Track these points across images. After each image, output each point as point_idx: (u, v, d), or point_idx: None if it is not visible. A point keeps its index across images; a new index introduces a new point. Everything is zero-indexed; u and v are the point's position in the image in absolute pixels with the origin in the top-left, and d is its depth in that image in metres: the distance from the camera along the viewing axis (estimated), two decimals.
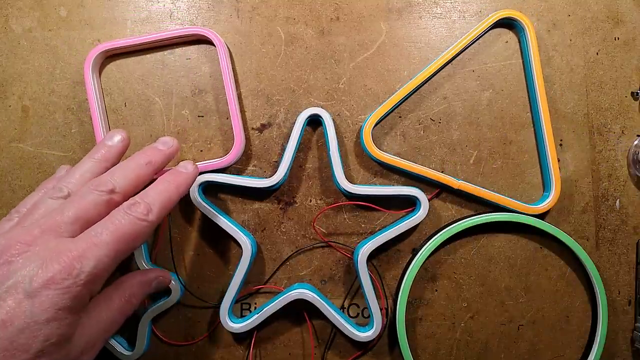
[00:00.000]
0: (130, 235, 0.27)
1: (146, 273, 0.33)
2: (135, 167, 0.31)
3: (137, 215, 0.28)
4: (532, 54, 0.38)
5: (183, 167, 0.33)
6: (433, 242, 0.38)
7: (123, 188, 0.29)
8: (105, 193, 0.28)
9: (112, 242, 0.26)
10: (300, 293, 0.37)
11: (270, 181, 0.37)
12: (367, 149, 0.37)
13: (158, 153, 0.33)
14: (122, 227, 0.27)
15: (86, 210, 0.28)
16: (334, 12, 0.40)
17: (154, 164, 0.32)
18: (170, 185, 0.31)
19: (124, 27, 0.40)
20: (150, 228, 0.29)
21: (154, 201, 0.29)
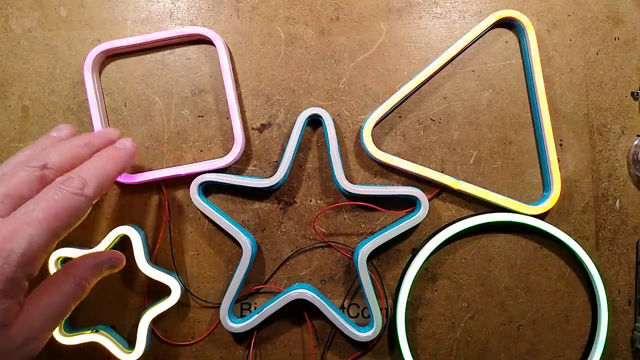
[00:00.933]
0: (65, 210, 0.26)
1: (97, 256, 0.31)
2: (71, 145, 0.30)
3: (72, 189, 0.26)
4: (532, 54, 0.38)
5: (121, 144, 0.32)
6: (433, 242, 0.38)
7: (56, 164, 0.28)
8: (37, 169, 0.27)
9: (45, 219, 0.25)
10: (300, 293, 0.37)
11: (270, 181, 0.37)
12: (368, 149, 0.37)
13: (97, 137, 0.32)
14: (55, 202, 0.25)
15: (16, 188, 0.26)
16: (334, 12, 0.40)
17: (92, 145, 0.31)
18: (107, 161, 0.30)
19: (124, 27, 0.40)
20: (87, 203, 0.27)
21: (90, 175, 0.28)
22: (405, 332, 0.37)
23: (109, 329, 0.39)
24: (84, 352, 0.38)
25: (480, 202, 0.39)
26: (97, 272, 0.31)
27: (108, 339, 0.37)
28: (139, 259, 0.37)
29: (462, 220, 0.38)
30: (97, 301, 0.39)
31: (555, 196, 0.38)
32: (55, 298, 0.27)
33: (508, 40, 0.40)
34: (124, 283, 0.39)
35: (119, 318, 0.39)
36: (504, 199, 0.38)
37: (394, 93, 0.38)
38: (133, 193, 0.39)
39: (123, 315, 0.39)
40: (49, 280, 0.28)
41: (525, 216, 0.38)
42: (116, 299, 0.39)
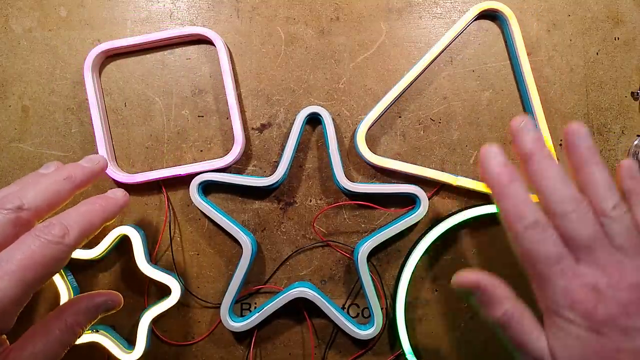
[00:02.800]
0: (41, 261, 0.24)
1: (92, 297, 0.29)
2: (50, 182, 0.27)
3: (51, 238, 0.24)
4: (517, 45, 0.38)
5: (112, 194, 0.30)
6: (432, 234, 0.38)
7: (33, 204, 0.26)
8: (11, 211, 0.25)
9: (18, 270, 0.23)
10: (300, 291, 0.37)
11: (270, 180, 0.37)
12: (362, 153, 0.37)
13: (80, 169, 0.29)
14: (31, 253, 0.23)
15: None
16: (334, 12, 0.40)
17: (73, 180, 0.28)
18: (94, 207, 0.27)
19: (124, 27, 0.40)
20: (67, 253, 0.25)
21: (74, 223, 0.25)
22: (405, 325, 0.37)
23: (109, 329, 0.39)
24: (84, 352, 0.38)
25: (480, 198, 0.39)
26: (92, 316, 0.29)
27: (108, 339, 0.37)
28: (139, 259, 0.37)
29: (459, 212, 0.38)
30: None
31: None
32: (44, 344, 0.25)
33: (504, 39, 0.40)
34: (124, 283, 0.39)
35: (119, 318, 0.39)
36: None
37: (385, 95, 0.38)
38: (133, 193, 0.39)
39: (123, 315, 0.39)
40: (38, 325, 0.26)
41: None
42: None
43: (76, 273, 0.39)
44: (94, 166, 0.30)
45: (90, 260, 0.38)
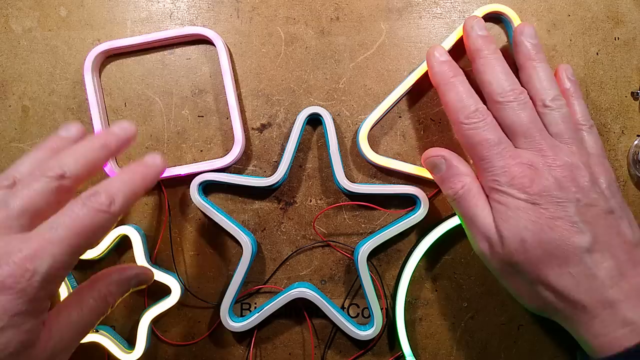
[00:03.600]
0: (89, 228, 0.24)
1: (124, 271, 0.30)
2: (87, 149, 0.28)
3: (98, 206, 0.25)
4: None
5: (151, 160, 0.30)
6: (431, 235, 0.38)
7: (74, 172, 0.26)
8: (54, 179, 0.25)
9: (68, 237, 0.24)
10: (300, 292, 0.37)
11: (270, 180, 0.37)
12: (365, 153, 0.37)
13: (113, 137, 0.29)
14: (80, 220, 0.24)
15: (34, 201, 0.25)
16: (334, 12, 0.40)
17: (109, 147, 0.28)
18: (135, 176, 0.28)
19: (124, 27, 0.40)
20: (112, 221, 0.26)
21: (118, 191, 0.26)
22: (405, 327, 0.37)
23: (109, 329, 0.39)
24: (84, 352, 0.38)
25: None
26: (124, 288, 0.29)
27: (108, 339, 0.37)
28: (139, 259, 0.37)
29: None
30: None
31: None
32: (79, 314, 0.26)
33: (508, 40, 0.40)
34: None
35: (119, 318, 0.39)
36: None
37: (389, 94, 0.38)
38: None
39: (123, 315, 0.39)
40: (73, 294, 0.27)
41: None
42: None
43: (76, 273, 0.39)
44: (126, 133, 0.30)
45: (90, 260, 0.38)
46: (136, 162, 0.29)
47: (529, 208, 0.30)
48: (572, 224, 0.29)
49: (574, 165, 0.31)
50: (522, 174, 0.30)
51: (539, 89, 0.33)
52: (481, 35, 0.34)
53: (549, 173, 0.30)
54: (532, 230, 0.30)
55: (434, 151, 0.35)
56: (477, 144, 0.32)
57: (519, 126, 0.32)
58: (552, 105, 0.32)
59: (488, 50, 0.34)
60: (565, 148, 0.31)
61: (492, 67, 0.33)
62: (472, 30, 0.34)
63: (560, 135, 0.32)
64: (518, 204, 0.30)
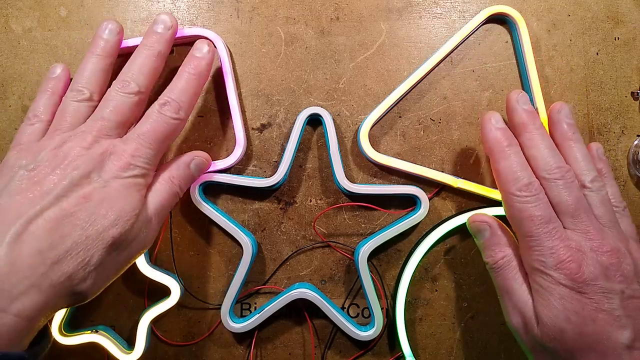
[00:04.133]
0: (166, 133, 0.31)
1: (181, 157, 0.34)
2: (146, 61, 0.33)
3: (170, 114, 0.31)
4: (525, 49, 0.38)
5: (198, 51, 0.34)
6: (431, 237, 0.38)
7: (145, 86, 0.32)
8: (134, 95, 0.31)
9: (153, 141, 0.31)
10: (301, 292, 0.37)
11: (271, 181, 0.37)
12: (365, 151, 0.37)
13: (161, 40, 0.33)
14: (159, 126, 0.31)
15: (122, 113, 0.31)
16: (334, 12, 0.40)
17: (162, 53, 0.33)
18: (191, 77, 0.33)
19: (124, 27, 0.39)
20: (182, 125, 0.32)
21: (183, 97, 0.32)
22: (405, 327, 0.37)
23: (108, 329, 0.39)
24: (84, 352, 0.38)
25: (481, 200, 0.39)
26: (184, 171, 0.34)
27: (108, 339, 0.37)
28: (139, 260, 0.37)
29: (460, 214, 0.38)
30: (97, 301, 0.39)
31: None
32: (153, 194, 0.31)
33: (508, 40, 0.40)
34: (124, 283, 0.39)
35: (119, 318, 0.39)
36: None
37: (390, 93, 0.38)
38: None
39: (123, 315, 0.39)
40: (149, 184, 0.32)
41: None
42: (116, 299, 0.39)
43: None
44: (170, 31, 0.34)
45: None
46: (187, 59, 0.34)
47: (574, 297, 0.29)
48: (615, 318, 0.28)
49: (620, 252, 0.30)
50: (570, 258, 0.29)
51: (577, 170, 0.32)
52: (526, 109, 0.34)
53: (596, 259, 0.29)
54: (574, 323, 0.28)
55: (480, 217, 0.34)
56: (526, 218, 0.30)
57: (566, 205, 0.31)
58: (591, 186, 0.32)
59: (534, 125, 0.33)
60: (609, 232, 0.31)
61: (538, 143, 0.32)
62: (518, 104, 0.34)
63: (601, 218, 0.31)
64: (562, 291, 0.29)
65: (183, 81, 0.33)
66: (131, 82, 0.32)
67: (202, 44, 0.34)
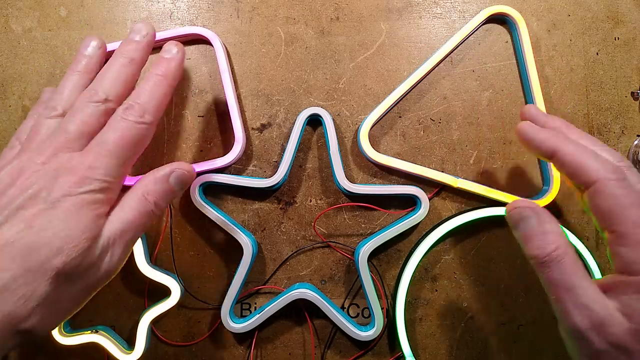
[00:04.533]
0: (131, 139, 0.28)
1: (159, 170, 0.31)
2: (120, 69, 0.30)
3: (134, 119, 0.28)
4: (525, 49, 0.38)
5: (167, 52, 0.32)
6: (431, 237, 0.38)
7: (115, 94, 0.30)
8: (101, 103, 0.29)
9: (115, 149, 0.28)
10: (301, 293, 0.37)
11: (271, 181, 0.37)
12: (365, 151, 0.37)
13: (136, 48, 0.32)
14: (121, 133, 0.28)
15: (88, 124, 0.28)
16: (334, 12, 0.40)
17: (137, 60, 0.31)
18: (159, 79, 0.31)
19: (124, 27, 0.40)
20: (150, 129, 0.29)
21: (148, 100, 0.29)
22: (405, 327, 0.37)
23: (108, 329, 0.39)
24: (84, 352, 0.38)
25: (481, 200, 0.39)
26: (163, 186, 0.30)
27: (108, 339, 0.37)
28: (139, 260, 0.37)
29: (460, 215, 0.38)
30: (97, 301, 0.39)
31: (555, 190, 0.38)
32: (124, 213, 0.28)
33: (508, 40, 0.40)
34: (124, 283, 0.39)
35: (119, 318, 0.39)
36: (503, 194, 0.38)
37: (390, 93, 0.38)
38: None
39: (123, 315, 0.39)
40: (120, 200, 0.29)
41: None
42: (116, 299, 0.39)
43: None
44: (146, 39, 0.32)
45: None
46: (155, 62, 0.31)
47: None
48: None
49: None
50: None
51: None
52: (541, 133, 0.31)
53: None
54: None
55: (522, 202, 0.30)
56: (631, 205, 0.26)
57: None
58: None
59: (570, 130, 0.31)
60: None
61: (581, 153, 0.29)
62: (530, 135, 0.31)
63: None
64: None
65: (150, 83, 0.30)
66: (99, 91, 0.29)
67: (171, 45, 0.32)
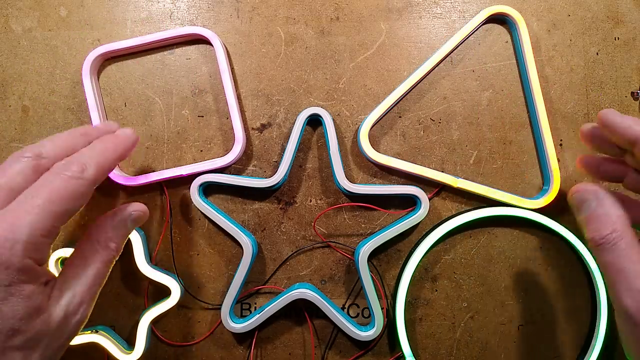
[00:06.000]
0: (64, 194, 0.25)
1: (116, 214, 0.30)
2: (67, 135, 0.29)
3: (71, 174, 0.26)
4: (525, 49, 0.38)
5: (121, 132, 0.32)
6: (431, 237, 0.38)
7: (51, 153, 0.27)
8: (31, 158, 0.26)
9: (44, 204, 0.24)
10: (301, 293, 0.37)
11: (271, 181, 0.37)
12: (365, 151, 0.37)
13: (95, 129, 0.31)
14: (54, 187, 0.25)
15: (11, 178, 0.25)
16: (334, 12, 0.40)
17: (89, 135, 0.30)
18: (107, 145, 0.29)
19: (124, 27, 0.40)
20: (88, 187, 0.27)
21: (90, 159, 0.27)
22: (405, 327, 0.37)
23: (108, 329, 0.39)
24: (84, 352, 0.38)
25: (481, 200, 0.39)
26: (121, 231, 0.30)
27: (107, 339, 0.37)
28: (139, 260, 0.37)
29: (461, 214, 0.38)
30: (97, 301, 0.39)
31: (555, 189, 0.38)
32: (83, 268, 0.27)
33: (508, 40, 0.40)
34: (124, 284, 0.39)
35: (119, 318, 0.39)
36: (503, 194, 0.38)
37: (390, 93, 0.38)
38: (132, 194, 0.39)
39: (123, 315, 0.39)
40: (75, 250, 0.28)
41: (525, 210, 0.38)
42: (116, 299, 0.39)
43: None
44: (107, 128, 0.32)
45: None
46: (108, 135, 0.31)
47: None
48: None
49: None
50: None
51: None
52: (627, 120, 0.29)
53: None
54: None
55: (585, 186, 0.30)
56: None
57: None
58: None
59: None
60: None
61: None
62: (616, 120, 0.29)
63: None
64: None
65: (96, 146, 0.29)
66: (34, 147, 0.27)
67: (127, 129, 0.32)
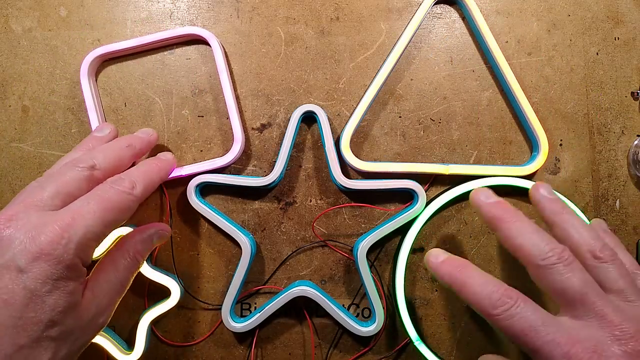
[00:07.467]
0: (116, 204, 0.28)
1: (144, 230, 0.33)
2: (115, 147, 0.32)
3: (123, 189, 0.29)
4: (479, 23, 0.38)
5: (163, 156, 0.35)
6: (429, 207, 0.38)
7: (103, 165, 0.30)
8: (86, 169, 0.29)
9: (98, 210, 0.27)
10: (302, 290, 0.37)
11: (267, 179, 0.37)
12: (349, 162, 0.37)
13: (138, 139, 0.34)
14: (108, 197, 0.28)
15: (66, 185, 0.28)
16: (334, 12, 0.40)
17: (134, 147, 0.33)
18: (152, 167, 0.33)
19: (124, 27, 0.40)
20: (136, 202, 0.29)
21: (138, 178, 0.30)
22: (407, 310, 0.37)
23: (108, 330, 0.39)
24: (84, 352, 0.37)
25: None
26: (147, 245, 0.33)
27: (107, 339, 0.37)
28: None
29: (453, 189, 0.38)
30: None
31: (545, 152, 0.38)
32: (114, 274, 0.30)
33: (508, 40, 0.40)
34: None
35: (119, 319, 0.39)
36: (494, 168, 0.38)
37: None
38: None
39: (123, 315, 0.39)
40: (106, 257, 0.31)
41: (517, 178, 0.38)
42: None
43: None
44: (149, 137, 0.35)
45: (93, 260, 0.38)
46: (152, 157, 0.34)
47: None
48: None
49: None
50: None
51: (582, 241, 0.29)
52: (494, 202, 0.31)
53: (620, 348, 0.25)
54: None
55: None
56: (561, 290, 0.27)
57: (573, 292, 0.26)
58: (603, 256, 0.28)
59: (508, 214, 0.29)
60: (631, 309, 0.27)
61: (520, 230, 0.29)
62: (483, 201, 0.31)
63: (622, 292, 0.27)
64: None
65: (142, 167, 0.32)
66: (88, 158, 0.30)
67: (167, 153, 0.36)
